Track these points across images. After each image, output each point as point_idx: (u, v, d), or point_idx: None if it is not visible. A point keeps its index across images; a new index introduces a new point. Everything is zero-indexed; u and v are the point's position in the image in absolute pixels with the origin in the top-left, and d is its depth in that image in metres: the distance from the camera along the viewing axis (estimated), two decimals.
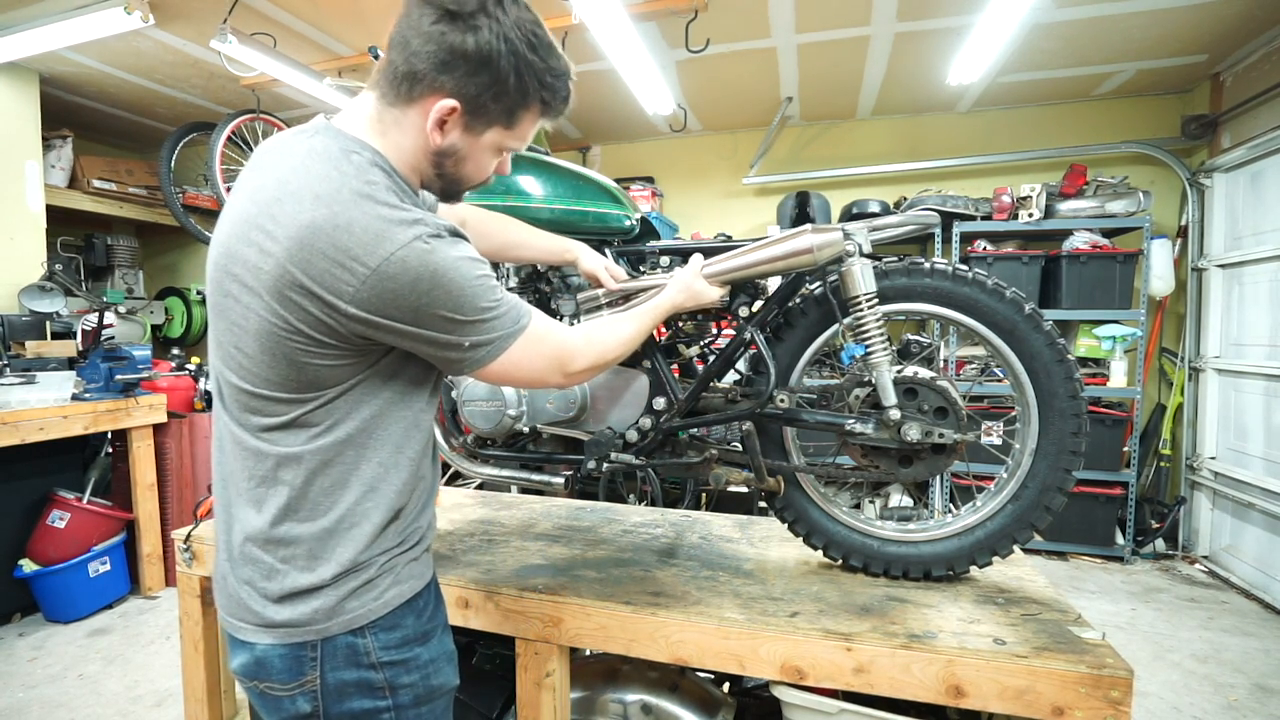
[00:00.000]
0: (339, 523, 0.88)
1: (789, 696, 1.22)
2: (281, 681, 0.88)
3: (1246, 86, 3.66)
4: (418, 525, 0.98)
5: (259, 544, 0.89)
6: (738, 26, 3.39)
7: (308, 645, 0.87)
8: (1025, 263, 3.95)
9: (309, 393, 0.85)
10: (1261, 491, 3.49)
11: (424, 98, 0.86)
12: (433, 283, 0.82)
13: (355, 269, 0.79)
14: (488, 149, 0.93)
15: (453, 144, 0.90)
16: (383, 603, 0.90)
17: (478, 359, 0.91)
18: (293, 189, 0.80)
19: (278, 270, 0.79)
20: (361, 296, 0.80)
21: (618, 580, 1.40)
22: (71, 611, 3.14)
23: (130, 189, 4.73)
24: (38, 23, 3.10)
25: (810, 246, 1.24)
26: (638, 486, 3.31)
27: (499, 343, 0.91)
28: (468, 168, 0.94)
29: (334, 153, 0.83)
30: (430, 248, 0.82)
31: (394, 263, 0.79)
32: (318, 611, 0.87)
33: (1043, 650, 1.08)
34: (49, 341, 3.66)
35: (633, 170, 5.17)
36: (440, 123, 0.87)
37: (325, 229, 0.78)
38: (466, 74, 0.84)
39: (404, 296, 0.81)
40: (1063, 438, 1.27)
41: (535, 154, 1.54)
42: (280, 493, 0.87)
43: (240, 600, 0.90)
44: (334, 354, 0.84)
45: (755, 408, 1.36)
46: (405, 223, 0.81)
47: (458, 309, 0.85)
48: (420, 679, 0.94)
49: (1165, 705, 2.49)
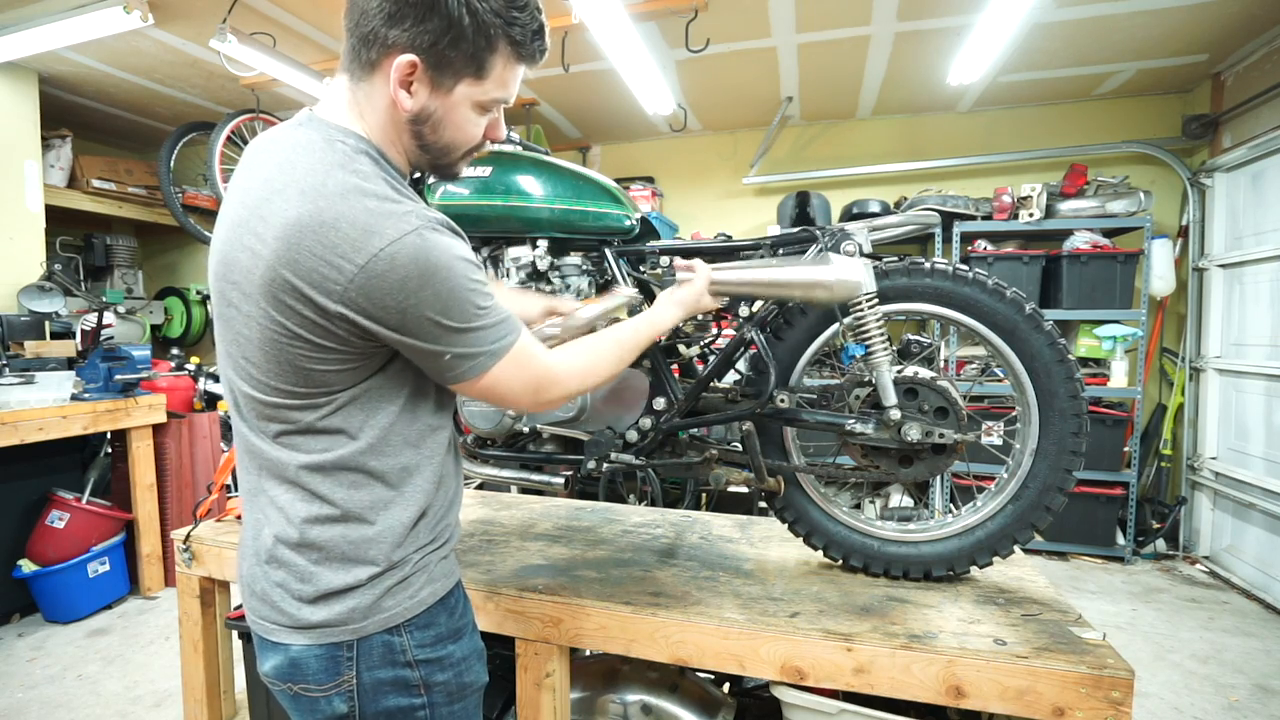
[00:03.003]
0: (370, 523, 0.87)
1: (789, 697, 1.22)
2: (318, 682, 0.87)
3: (1247, 86, 3.66)
4: (446, 523, 0.98)
5: (291, 547, 0.87)
6: (738, 26, 3.39)
7: (344, 645, 0.86)
8: (1026, 263, 3.95)
9: (321, 398, 0.84)
10: (1262, 492, 3.49)
11: (382, 61, 0.81)
12: (422, 281, 0.78)
13: (343, 267, 0.76)
14: (463, 106, 0.86)
15: (424, 107, 0.84)
16: (418, 601, 0.90)
17: (457, 373, 0.86)
18: (278, 186, 0.78)
19: (268, 273, 0.77)
20: (349, 295, 0.77)
21: (618, 580, 1.40)
22: (71, 612, 3.14)
23: (130, 189, 4.73)
24: (37, 22, 3.10)
25: (830, 282, 1.20)
26: (638, 486, 3.30)
27: (483, 359, 0.86)
28: (448, 132, 0.87)
29: (318, 144, 0.81)
30: (423, 241, 0.78)
31: (382, 259, 0.76)
32: (354, 611, 0.86)
33: (1043, 651, 1.08)
34: (48, 341, 3.66)
35: (633, 170, 5.17)
36: (405, 83, 0.81)
37: (311, 226, 0.75)
38: (415, 22, 0.78)
39: (392, 295, 0.77)
40: (1063, 438, 1.26)
41: (535, 154, 1.54)
42: (308, 497, 0.86)
43: (272, 602, 0.88)
44: (337, 357, 0.82)
45: (755, 408, 1.35)
46: (395, 215, 0.77)
47: (446, 313, 0.81)
48: (454, 676, 0.94)
49: (1166, 706, 2.48)
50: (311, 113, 0.86)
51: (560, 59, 3.52)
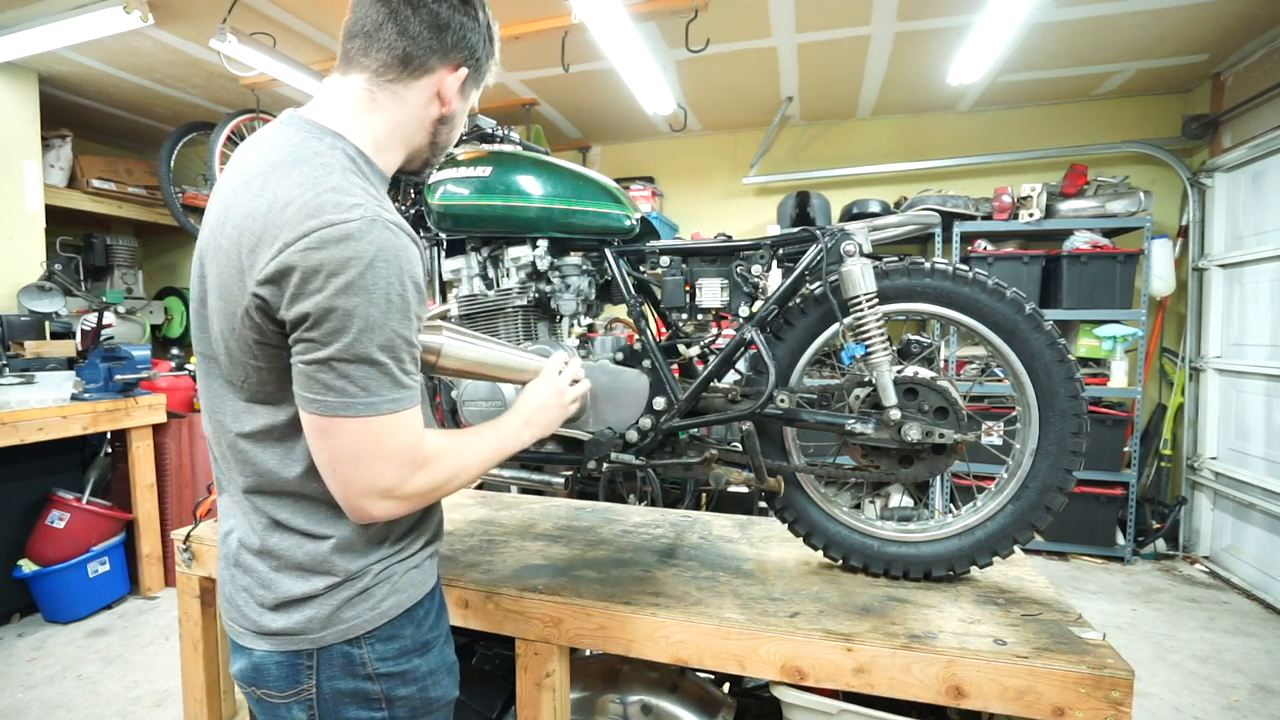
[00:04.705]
0: (328, 532, 0.86)
1: (789, 697, 1.22)
2: (279, 689, 0.86)
3: (1247, 86, 3.65)
4: (417, 533, 0.95)
5: (253, 553, 0.87)
6: (738, 26, 3.39)
7: (303, 654, 0.85)
8: (1026, 263, 3.95)
9: (280, 401, 0.82)
10: (1262, 492, 3.49)
11: (434, 71, 0.89)
12: (342, 268, 0.72)
13: (275, 243, 0.73)
14: (466, 109, 0.98)
15: (453, 109, 0.93)
16: (379, 613, 0.88)
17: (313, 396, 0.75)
18: (246, 179, 0.79)
19: (225, 263, 0.78)
20: (268, 272, 0.73)
21: (618, 580, 1.40)
22: (71, 612, 3.14)
23: (130, 189, 4.72)
24: (37, 22, 3.10)
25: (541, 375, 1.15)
26: (638, 486, 3.30)
27: (356, 405, 0.75)
28: (454, 132, 0.98)
29: (294, 141, 0.82)
30: (362, 230, 0.73)
31: (313, 239, 0.72)
32: (312, 620, 0.85)
33: (1043, 651, 1.08)
34: (48, 341, 3.66)
35: (633, 170, 5.17)
36: (452, 90, 0.91)
37: (263, 211, 0.75)
38: (467, 37, 0.90)
39: (305, 283, 0.72)
40: (1063, 438, 1.26)
41: (535, 154, 1.54)
42: (268, 501, 0.86)
43: (238, 606, 0.89)
44: (267, 353, 0.79)
45: (755, 408, 1.35)
46: (345, 205, 0.74)
47: (347, 320, 0.72)
48: (417, 691, 0.91)
49: (1166, 706, 2.48)
50: (294, 112, 0.87)
51: (560, 59, 3.52)
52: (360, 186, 0.79)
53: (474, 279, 1.55)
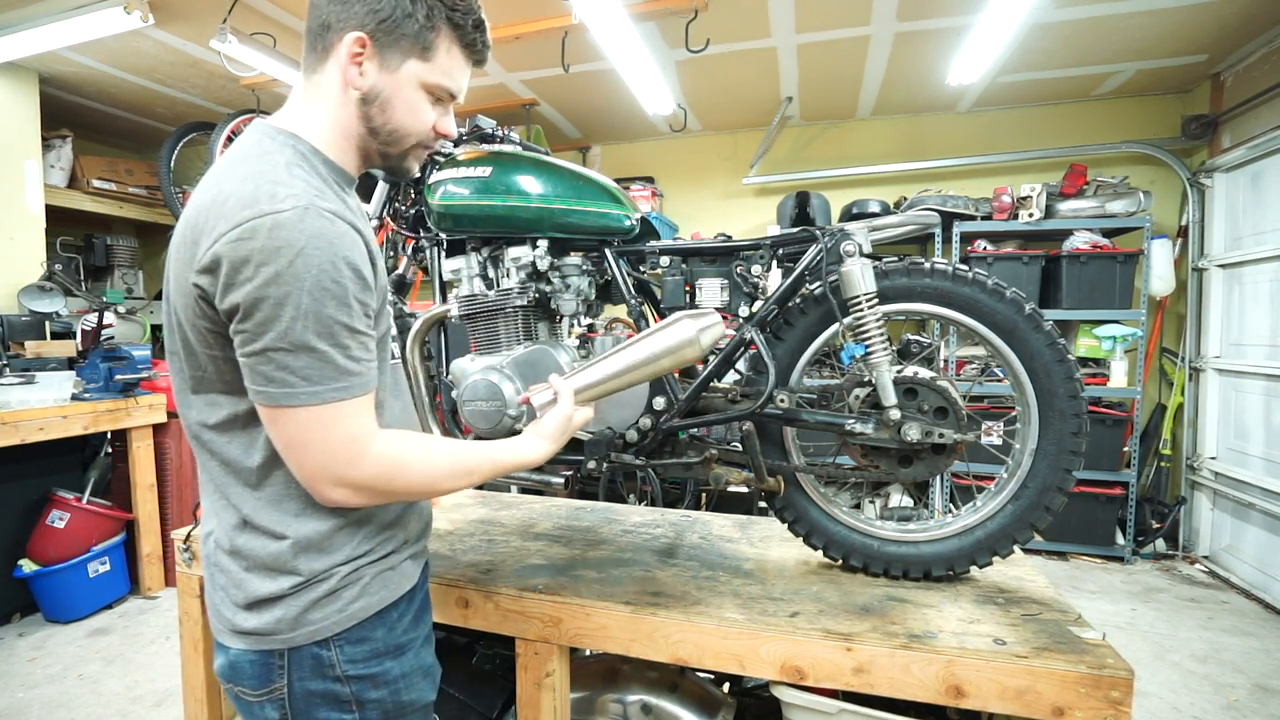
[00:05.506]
0: (285, 531, 0.85)
1: (789, 696, 1.22)
2: (252, 687, 0.87)
3: (1247, 86, 3.66)
4: (391, 534, 0.94)
5: (226, 553, 0.88)
6: (738, 26, 3.39)
7: (275, 654, 0.86)
8: (1025, 263, 3.95)
9: (240, 390, 0.81)
10: (1262, 491, 3.49)
11: (333, 44, 0.85)
12: (271, 258, 0.72)
13: (211, 234, 0.74)
14: (410, 86, 0.87)
15: (374, 85, 0.86)
16: (347, 615, 0.87)
17: (259, 388, 0.76)
18: (204, 184, 0.81)
19: (178, 258, 0.79)
20: (204, 262, 0.74)
21: (618, 580, 1.40)
22: (71, 612, 3.14)
23: (130, 189, 4.73)
24: (37, 22, 3.10)
25: (693, 338, 1.16)
26: (638, 486, 3.30)
27: (300, 395, 0.75)
28: (397, 114, 0.88)
29: (250, 143, 0.84)
30: (294, 219, 0.73)
31: (245, 229, 0.72)
32: (280, 621, 0.85)
33: (1043, 650, 1.08)
34: (49, 341, 3.66)
35: (633, 170, 5.17)
36: (355, 61, 0.84)
37: (206, 205, 0.76)
38: (363, 2, 0.83)
39: (235, 273, 0.72)
40: (1063, 438, 1.27)
41: (535, 154, 1.54)
42: (236, 501, 0.86)
43: (215, 605, 0.90)
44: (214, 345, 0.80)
45: (755, 408, 1.35)
46: (280, 196, 0.74)
47: (278, 310, 0.72)
48: (389, 694, 0.90)
49: (1165, 705, 2.48)
50: (259, 118, 0.89)
51: (560, 59, 3.52)
52: (303, 180, 0.79)
53: (474, 279, 1.55)
